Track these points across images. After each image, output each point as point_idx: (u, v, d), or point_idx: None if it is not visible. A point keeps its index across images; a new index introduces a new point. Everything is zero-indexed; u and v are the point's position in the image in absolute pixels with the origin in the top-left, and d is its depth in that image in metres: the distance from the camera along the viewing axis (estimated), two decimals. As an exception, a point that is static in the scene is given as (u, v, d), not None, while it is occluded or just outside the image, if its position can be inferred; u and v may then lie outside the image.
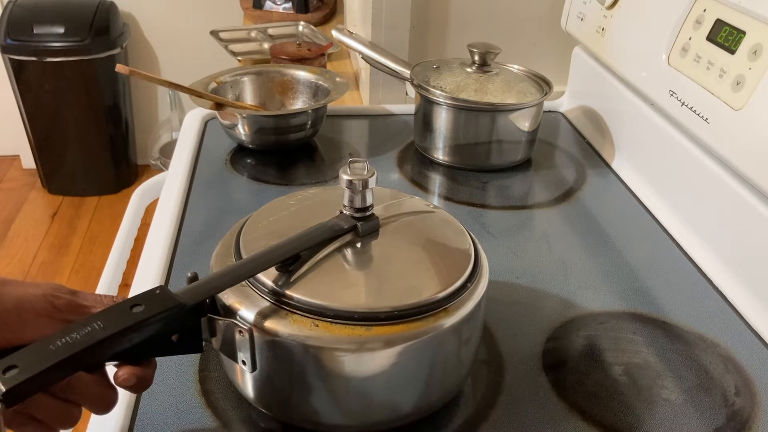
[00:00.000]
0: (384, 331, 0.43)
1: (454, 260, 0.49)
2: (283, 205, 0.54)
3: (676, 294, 0.65)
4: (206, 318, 0.44)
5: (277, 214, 0.52)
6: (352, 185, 0.49)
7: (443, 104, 0.84)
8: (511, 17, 1.11)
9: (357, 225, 0.49)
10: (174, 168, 0.84)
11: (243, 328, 0.43)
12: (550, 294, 0.65)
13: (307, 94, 0.95)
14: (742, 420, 0.51)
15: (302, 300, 0.44)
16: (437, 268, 0.48)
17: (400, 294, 0.45)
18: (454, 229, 0.53)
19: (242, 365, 0.45)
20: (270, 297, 0.45)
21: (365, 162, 0.50)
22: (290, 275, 0.45)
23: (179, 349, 0.44)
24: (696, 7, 0.71)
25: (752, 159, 0.61)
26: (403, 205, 0.55)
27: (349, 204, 0.50)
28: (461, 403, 0.52)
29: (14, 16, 2.16)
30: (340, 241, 0.49)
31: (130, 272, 0.71)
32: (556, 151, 0.94)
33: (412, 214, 0.54)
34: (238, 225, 0.53)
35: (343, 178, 0.49)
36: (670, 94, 0.73)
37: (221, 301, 0.45)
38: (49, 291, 0.41)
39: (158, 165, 2.44)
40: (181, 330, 0.43)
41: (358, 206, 0.50)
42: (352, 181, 0.48)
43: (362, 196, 0.49)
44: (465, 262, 0.49)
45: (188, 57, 2.36)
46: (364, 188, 0.49)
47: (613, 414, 0.51)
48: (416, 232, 0.52)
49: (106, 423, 0.48)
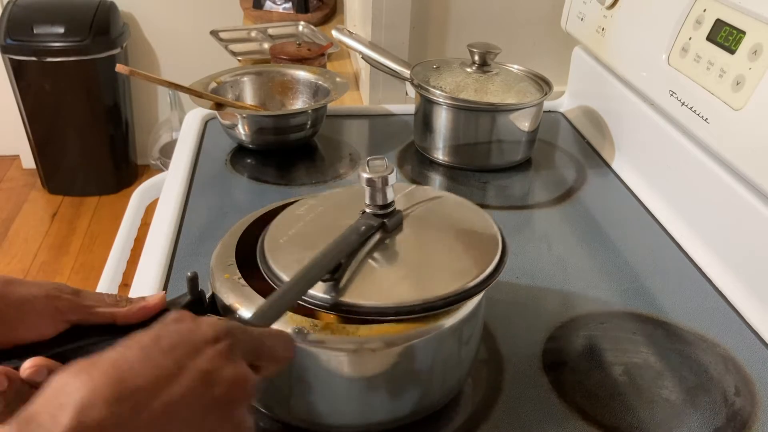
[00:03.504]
0: (385, 330, 0.43)
1: (484, 244, 0.49)
2: (295, 216, 0.53)
3: (676, 294, 0.65)
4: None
5: (295, 227, 0.51)
6: (373, 183, 0.48)
7: (443, 104, 0.84)
8: (511, 17, 1.11)
9: (385, 222, 0.49)
10: (174, 168, 0.84)
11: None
12: (550, 294, 0.65)
13: (307, 94, 0.95)
14: (742, 420, 0.51)
15: (350, 303, 0.44)
16: (470, 254, 0.48)
17: (445, 283, 0.45)
18: (474, 213, 0.53)
19: None
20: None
21: (384, 158, 0.49)
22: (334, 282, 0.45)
23: None
24: (696, 7, 0.71)
25: (752, 159, 0.61)
26: (416, 194, 0.55)
27: (372, 202, 0.49)
28: (461, 402, 0.52)
29: (14, 16, 2.16)
30: (371, 241, 0.48)
31: (130, 272, 0.71)
32: (556, 151, 0.94)
33: (428, 202, 0.54)
34: (238, 225, 0.53)
35: (363, 176, 0.48)
36: (670, 94, 0.73)
37: (221, 300, 0.45)
38: (51, 291, 0.41)
39: (158, 165, 2.44)
40: None
41: (380, 203, 0.49)
42: (372, 179, 0.48)
43: (384, 193, 0.49)
44: (494, 244, 0.49)
45: (188, 57, 2.35)
46: (385, 185, 0.48)
47: (613, 414, 0.51)
48: (441, 220, 0.52)
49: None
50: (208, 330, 0.36)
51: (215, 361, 0.34)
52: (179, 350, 0.34)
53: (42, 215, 2.37)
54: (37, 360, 0.38)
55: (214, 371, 0.34)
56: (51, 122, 2.29)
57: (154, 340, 0.34)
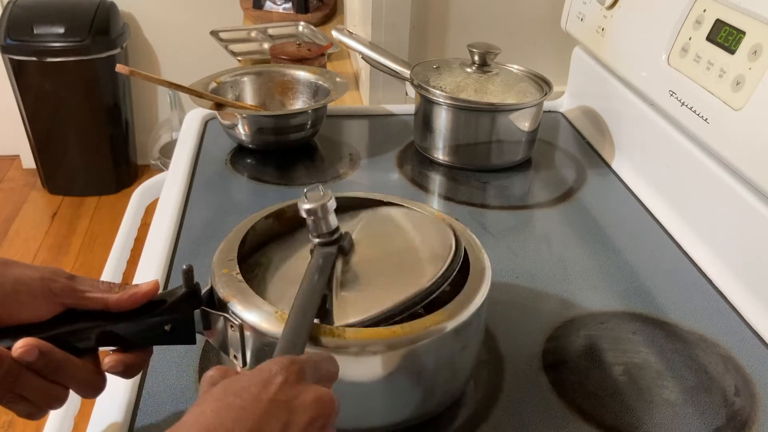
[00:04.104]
0: (386, 333, 0.43)
1: (434, 254, 0.50)
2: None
3: (676, 294, 0.65)
4: (200, 310, 0.44)
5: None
6: (315, 212, 0.48)
7: (443, 104, 0.84)
8: (511, 17, 1.11)
9: (342, 245, 0.50)
10: (174, 168, 0.84)
11: (234, 323, 0.43)
12: (550, 294, 0.65)
13: (307, 94, 0.95)
14: (742, 420, 0.51)
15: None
16: (419, 267, 0.50)
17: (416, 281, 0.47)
18: (434, 227, 0.54)
19: (234, 360, 0.45)
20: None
21: (319, 186, 0.49)
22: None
23: (171, 339, 0.44)
24: (696, 7, 0.71)
25: (752, 159, 0.61)
26: (369, 214, 0.56)
27: (317, 231, 0.49)
28: (461, 402, 0.52)
29: (14, 16, 2.16)
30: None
31: (130, 272, 0.71)
32: (556, 151, 0.94)
33: (384, 220, 0.56)
34: (242, 224, 0.53)
35: (303, 208, 0.47)
36: (670, 94, 0.73)
37: (217, 294, 0.45)
38: (47, 274, 0.42)
39: (158, 165, 2.44)
40: (174, 320, 0.43)
41: (326, 231, 0.49)
42: (313, 208, 0.47)
43: (327, 221, 0.49)
44: (447, 238, 0.51)
45: (188, 57, 2.35)
46: (326, 213, 0.48)
47: (613, 414, 0.51)
48: (390, 239, 0.54)
49: (107, 417, 0.49)
50: (271, 365, 0.36)
51: (290, 389, 0.34)
52: (253, 389, 0.34)
53: (42, 215, 2.37)
54: (28, 340, 0.39)
55: (292, 399, 0.34)
56: (51, 122, 2.29)
57: (223, 390, 0.34)
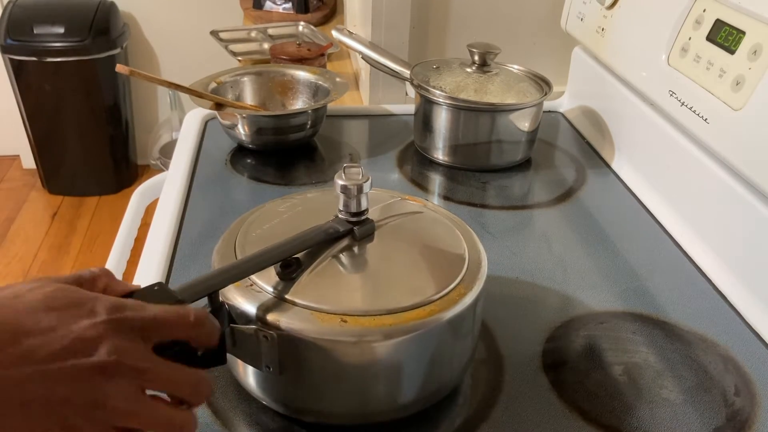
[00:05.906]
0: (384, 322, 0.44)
1: (449, 261, 0.50)
2: (274, 213, 0.54)
3: (676, 294, 0.65)
4: (229, 329, 0.44)
5: (270, 223, 0.52)
6: (348, 190, 0.49)
7: (443, 104, 0.84)
8: (511, 17, 1.11)
9: (354, 229, 0.50)
10: (174, 168, 0.84)
11: (268, 334, 0.43)
12: (550, 294, 0.65)
13: (307, 94, 0.95)
14: (742, 420, 0.51)
15: (305, 304, 0.44)
16: (432, 270, 0.49)
17: (398, 296, 0.46)
18: (446, 229, 0.54)
19: (266, 370, 0.45)
20: (275, 295, 0.45)
21: (360, 167, 0.50)
22: (292, 282, 0.46)
23: (202, 363, 0.41)
24: (696, 7, 0.71)
25: (752, 159, 0.61)
26: (396, 206, 0.55)
27: (345, 209, 0.50)
28: (461, 402, 0.52)
29: (14, 16, 2.16)
30: (338, 245, 0.49)
31: (130, 272, 0.71)
32: (556, 151, 0.94)
33: (406, 215, 0.54)
34: (240, 221, 0.53)
35: (338, 183, 0.49)
36: (670, 94, 0.73)
37: (236, 309, 0.45)
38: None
39: (158, 165, 2.44)
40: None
41: (353, 211, 0.50)
42: (347, 186, 0.48)
43: (357, 201, 0.49)
44: (459, 263, 0.49)
45: (188, 57, 2.36)
46: (359, 193, 0.49)
47: (613, 414, 0.51)
48: (411, 234, 0.53)
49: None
50: (104, 300, 0.36)
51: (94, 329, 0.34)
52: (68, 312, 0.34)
53: (42, 215, 2.37)
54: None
55: (93, 339, 0.34)
56: (51, 122, 2.29)
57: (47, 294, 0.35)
